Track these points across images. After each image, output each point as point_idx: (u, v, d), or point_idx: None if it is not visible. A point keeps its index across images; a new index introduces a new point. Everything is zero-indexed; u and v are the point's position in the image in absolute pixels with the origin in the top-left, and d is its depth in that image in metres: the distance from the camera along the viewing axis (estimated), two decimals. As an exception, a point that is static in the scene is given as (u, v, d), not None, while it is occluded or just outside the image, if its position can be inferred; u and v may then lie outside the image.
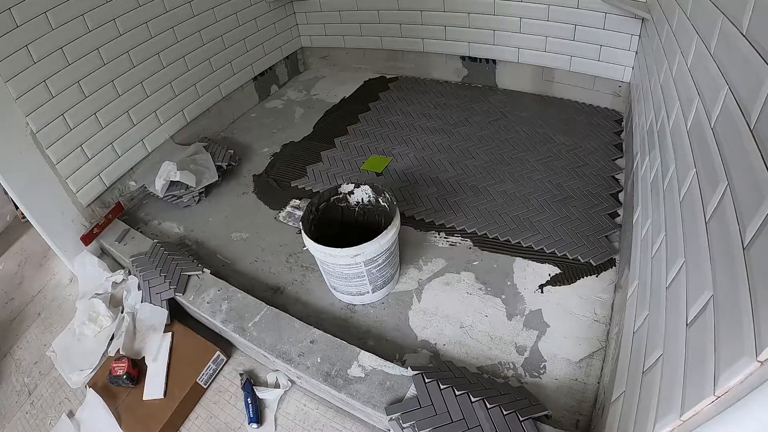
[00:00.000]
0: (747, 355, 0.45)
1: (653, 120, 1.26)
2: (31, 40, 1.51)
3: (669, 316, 0.73)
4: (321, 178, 1.95)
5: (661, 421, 0.60)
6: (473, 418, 1.02)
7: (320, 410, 1.25)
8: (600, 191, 1.66)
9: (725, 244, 0.57)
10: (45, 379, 1.47)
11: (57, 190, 1.66)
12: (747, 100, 0.60)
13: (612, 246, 1.45)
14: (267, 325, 1.32)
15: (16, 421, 1.38)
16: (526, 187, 1.73)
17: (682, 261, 0.73)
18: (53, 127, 1.61)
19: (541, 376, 1.19)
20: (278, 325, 1.32)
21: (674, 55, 1.11)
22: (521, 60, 2.20)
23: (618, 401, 0.88)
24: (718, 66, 0.75)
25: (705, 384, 0.51)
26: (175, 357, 1.37)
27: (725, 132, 0.67)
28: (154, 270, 1.53)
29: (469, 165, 1.88)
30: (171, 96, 2.07)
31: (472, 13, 2.18)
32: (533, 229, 1.56)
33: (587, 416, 1.09)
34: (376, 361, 1.18)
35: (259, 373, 1.37)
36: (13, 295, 1.84)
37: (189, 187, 1.88)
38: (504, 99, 2.27)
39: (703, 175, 0.72)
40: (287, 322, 1.32)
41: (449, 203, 1.72)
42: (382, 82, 2.58)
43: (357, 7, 2.49)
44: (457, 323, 1.34)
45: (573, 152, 1.86)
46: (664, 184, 0.98)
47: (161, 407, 1.26)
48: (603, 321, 1.27)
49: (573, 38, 2.00)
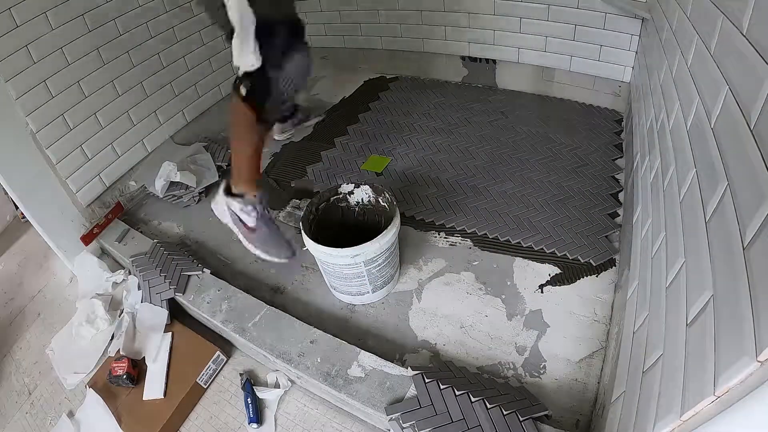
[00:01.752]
0: (747, 355, 0.45)
1: (653, 120, 1.26)
2: (31, 40, 1.51)
3: (669, 316, 0.73)
4: (321, 178, 1.95)
5: (661, 421, 0.60)
6: (473, 418, 1.02)
7: (320, 410, 1.26)
8: (600, 191, 1.66)
9: (725, 244, 0.57)
10: (45, 379, 1.47)
11: (57, 190, 1.66)
12: (747, 100, 0.60)
13: (612, 246, 1.45)
14: (267, 325, 1.32)
15: (16, 421, 1.38)
16: (526, 187, 1.73)
17: (682, 261, 0.73)
18: (53, 127, 1.61)
19: (541, 376, 1.19)
20: (278, 325, 1.32)
21: (674, 55, 1.11)
22: (521, 60, 2.20)
23: (618, 401, 0.88)
24: (718, 66, 0.75)
25: (705, 384, 0.51)
26: (175, 357, 1.37)
27: (725, 132, 0.67)
28: (154, 270, 1.53)
29: (469, 165, 1.88)
30: (171, 96, 2.08)
31: (472, 13, 2.18)
32: (533, 229, 1.56)
33: (587, 416, 1.09)
34: (376, 361, 1.18)
35: (259, 373, 1.37)
36: (13, 295, 1.84)
37: (189, 188, 1.88)
38: (504, 99, 2.27)
39: (703, 175, 0.72)
40: (287, 322, 1.32)
41: (449, 203, 1.72)
42: (382, 82, 2.58)
43: (357, 7, 2.49)
44: (457, 323, 1.34)
45: (573, 152, 1.86)
46: (664, 184, 0.98)
47: (161, 407, 1.26)
48: (603, 321, 1.27)
49: (573, 38, 2.00)
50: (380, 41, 2.56)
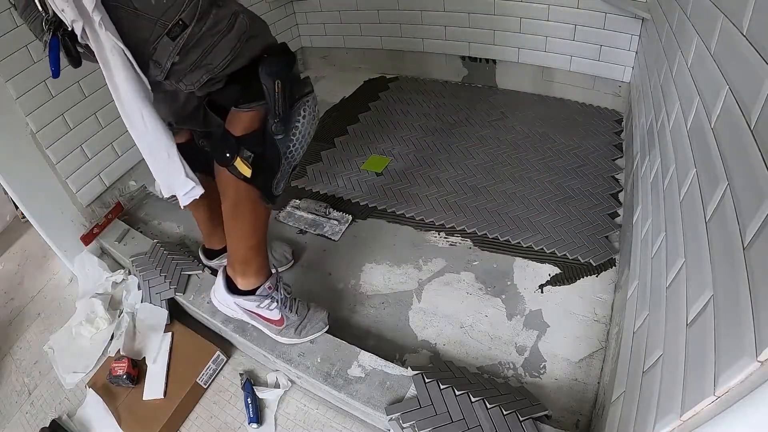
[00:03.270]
0: (747, 355, 0.45)
1: (653, 120, 1.26)
2: (31, 40, 1.51)
3: (669, 316, 0.73)
4: (321, 178, 1.95)
5: (661, 421, 0.60)
6: (473, 418, 1.02)
7: (320, 410, 1.26)
8: (600, 191, 1.66)
9: (725, 244, 0.57)
10: (45, 379, 1.47)
11: (57, 190, 1.66)
12: (747, 100, 0.60)
13: (612, 246, 1.45)
14: (267, 325, 1.32)
15: (16, 421, 1.38)
16: (526, 187, 1.73)
17: (682, 261, 0.73)
18: (53, 127, 1.61)
19: (541, 376, 1.19)
20: (278, 325, 1.32)
21: (674, 55, 1.11)
22: (521, 60, 2.20)
23: (618, 401, 0.88)
24: (718, 66, 0.75)
25: (705, 384, 0.51)
26: (175, 357, 1.37)
27: (725, 132, 0.67)
28: (154, 270, 1.53)
29: (469, 165, 1.88)
30: (171, 96, 2.07)
31: (472, 13, 2.18)
32: (533, 229, 1.56)
33: (587, 416, 1.09)
34: (376, 361, 1.18)
35: (259, 373, 1.37)
36: (13, 295, 1.84)
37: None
38: (504, 99, 2.27)
39: (703, 175, 0.72)
40: (287, 322, 1.32)
41: (449, 203, 1.72)
42: (382, 82, 2.58)
43: (357, 7, 2.49)
44: (457, 323, 1.34)
45: (573, 152, 1.86)
46: (664, 184, 0.98)
47: (161, 407, 1.26)
48: (603, 321, 1.27)
49: (573, 38, 2.00)
50: (380, 41, 2.56)
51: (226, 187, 1.01)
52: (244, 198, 1.02)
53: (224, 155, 0.96)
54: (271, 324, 1.21)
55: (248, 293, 1.15)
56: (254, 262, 1.12)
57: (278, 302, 1.17)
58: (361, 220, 1.72)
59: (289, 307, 1.19)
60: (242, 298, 1.16)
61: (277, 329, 1.22)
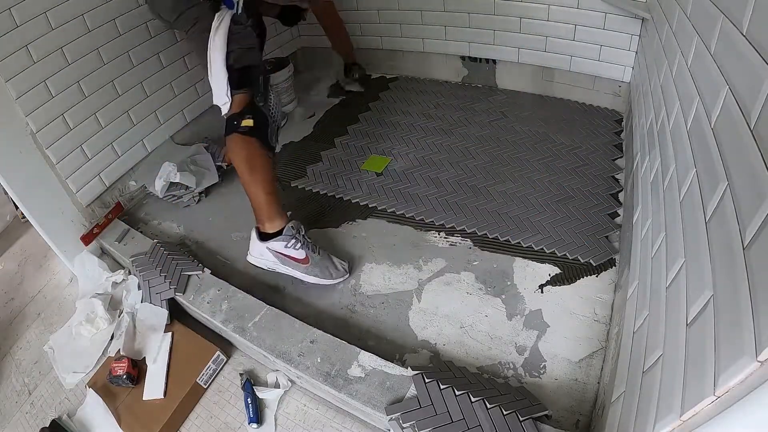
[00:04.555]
0: (747, 355, 0.45)
1: (653, 120, 1.26)
2: (31, 40, 1.51)
3: (669, 316, 0.73)
4: (321, 178, 1.95)
5: (661, 421, 0.60)
6: (473, 418, 1.02)
7: (320, 410, 1.26)
8: (600, 191, 1.66)
9: (725, 244, 0.57)
10: (45, 379, 1.47)
11: (57, 190, 1.66)
12: (747, 100, 0.60)
13: (612, 246, 1.45)
14: (267, 325, 1.32)
15: (16, 421, 1.38)
16: (526, 187, 1.73)
17: (682, 261, 0.73)
18: (53, 127, 1.61)
19: (541, 376, 1.19)
20: (278, 325, 1.32)
21: (674, 55, 1.11)
22: (521, 60, 2.20)
23: (618, 401, 0.88)
24: (718, 66, 0.75)
25: (705, 384, 0.51)
26: (175, 357, 1.37)
27: (725, 132, 0.67)
28: (154, 270, 1.53)
29: (469, 165, 1.88)
30: (171, 96, 2.07)
31: (472, 13, 2.18)
32: (533, 229, 1.56)
33: (587, 416, 1.09)
34: (376, 361, 1.18)
35: (259, 373, 1.37)
36: (13, 295, 1.84)
37: (189, 188, 1.88)
38: (504, 99, 2.27)
39: (703, 175, 0.72)
40: (287, 322, 1.32)
41: (449, 203, 1.72)
42: (382, 82, 2.58)
43: (356, 7, 2.49)
44: (457, 323, 1.34)
45: (573, 152, 1.86)
46: (664, 184, 0.98)
47: (161, 407, 1.26)
48: (603, 321, 1.27)
49: (573, 38, 2.00)
50: (380, 41, 2.56)
51: (240, 148, 1.36)
52: (254, 151, 1.36)
53: (233, 123, 1.36)
54: (299, 263, 1.42)
55: (276, 234, 1.40)
56: (274, 206, 1.40)
57: (301, 240, 1.41)
58: (361, 220, 1.72)
59: (311, 248, 1.43)
60: (272, 240, 1.40)
61: (303, 267, 1.43)
